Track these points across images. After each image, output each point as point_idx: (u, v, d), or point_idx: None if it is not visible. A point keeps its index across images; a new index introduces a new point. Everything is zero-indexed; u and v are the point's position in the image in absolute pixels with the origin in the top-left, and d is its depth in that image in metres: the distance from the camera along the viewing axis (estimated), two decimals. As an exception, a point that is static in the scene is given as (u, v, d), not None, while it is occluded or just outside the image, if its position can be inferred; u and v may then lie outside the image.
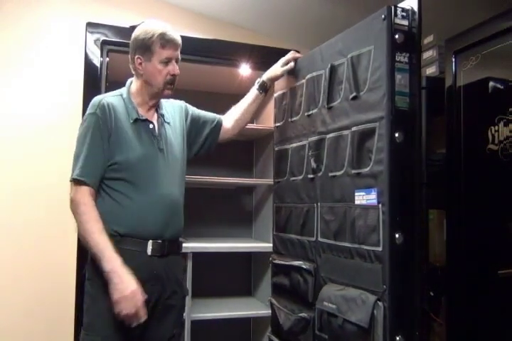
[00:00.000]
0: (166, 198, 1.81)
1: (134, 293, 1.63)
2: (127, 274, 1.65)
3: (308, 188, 1.96)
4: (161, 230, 1.79)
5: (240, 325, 2.74)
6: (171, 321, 1.84)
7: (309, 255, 1.92)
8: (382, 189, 1.49)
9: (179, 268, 1.92)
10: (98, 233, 1.67)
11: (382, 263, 1.48)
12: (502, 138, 1.92)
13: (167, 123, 1.92)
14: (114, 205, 1.76)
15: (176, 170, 1.90)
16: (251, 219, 2.87)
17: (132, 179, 1.77)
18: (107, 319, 1.67)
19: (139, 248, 1.75)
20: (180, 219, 1.89)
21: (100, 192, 1.78)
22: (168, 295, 1.81)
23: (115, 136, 1.78)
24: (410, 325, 1.50)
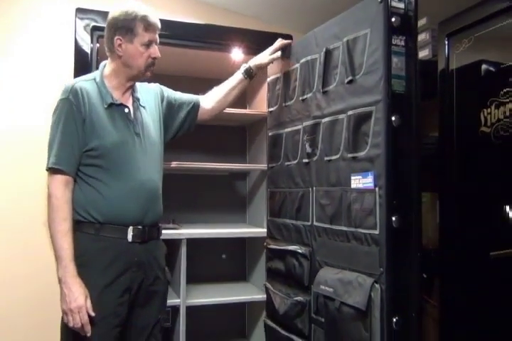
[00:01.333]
0: (145, 184, 1.79)
1: (79, 308, 1.61)
2: (79, 287, 1.63)
3: (303, 173, 1.96)
4: (141, 216, 1.78)
5: (235, 310, 2.76)
6: (156, 307, 1.84)
7: (304, 239, 1.93)
8: (379, 172, 1.50)
9: (161, 254, 1.90)
10: (62, 234, 1.65)
11: (379, 246, 1.49)
12: (494, 120, 1.93)
13: (142, 107, 1.89)
14: (92, 193, 1.73)
15: (154, 155, 1.87)
16: (245, 204, 2.88)
17: (109, 166, 1.74)
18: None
19: (120, 235, 1.74)
20: (159, 204, 1.87)
21: (77, 179, 1.74)
22: (151, 281, 1.81)
23: (89, 121, 1.74)
24: (407, 307, 1.52)
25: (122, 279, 1.72)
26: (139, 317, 1.80)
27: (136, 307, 1.78)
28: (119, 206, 1.74)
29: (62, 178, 1.70)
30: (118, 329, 1.71)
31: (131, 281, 1.74)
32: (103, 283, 1.69)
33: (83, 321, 1.62)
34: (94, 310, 1.65)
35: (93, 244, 1.72)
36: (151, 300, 1.82)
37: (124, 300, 1.72)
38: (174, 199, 1.90)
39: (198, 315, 2.42)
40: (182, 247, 2.25)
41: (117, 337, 1.71)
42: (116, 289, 1.70)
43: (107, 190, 1.74)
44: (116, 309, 1.70)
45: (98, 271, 1.69)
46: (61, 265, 1.64)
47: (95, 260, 1.70)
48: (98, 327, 1.66)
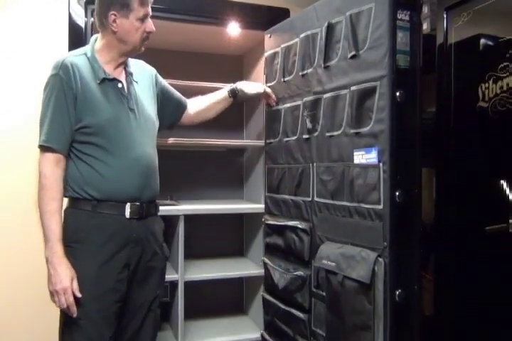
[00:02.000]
0: (142, 160, 1.78)
1: (64, 289, 1.61)
2: (64, 268, 1.63)
3: (303, 149, 1.96)
4: (139, 192, 1.77)
5: (233, 285, 2.78)
6: (154, 282, 1.85)
7: (304, 215, 1.95)
8: (383, 148, 1.51)
9: (159, 230, 1.90)
10: (50, 214, 1.64)
11: (383, 221, 1.51)
12: (492, 95, 1.93)
13: (135, 82, 1.86)
14: (88, 170, 1.71)
15: (149, 131, 1.86)
16: (242, 180, 2.87)
17: (104, 143, 1.71)
18: (84, 284, 1.66)
19: (117, 211, 1.73)
20: (156, 180, 1.86)
21: (72, 156, 1.72)
22: (149, 257, 1.81)
23: (81, 97, 1.70)
24: (409, 280, 1.55)
25: (121, 255, 1.72)
26: (137, 292, 1.80)
27: (135, 283, 1.79)
28: (115, 183, 1.72)
29: (52, 156, 1.67)
30: (118, 305, 1.72)
31: (129, 257, 1.74)
32: (101, 260, 1.69)
33: (68, 302, 1.62)
34: (93, 286, 1.66)
35: (90, 221, 1.71)
36: (149, 276, 1.83)
37: (123, 276, 1.73)
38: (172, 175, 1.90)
39: (196, 290, 2.44)
40: (180, 223, 2.25)
41: (117, 312, 1.72)
42: (115, 265, 1.71)
43: (103, 167, 1.71)
44: (116, 285, 1.70)
45: (96, 247, 1.69)
46: (48, 245, 1.64)
47: (93, 237, 1.70)
48: (98, 302, 1.67)
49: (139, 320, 1.82)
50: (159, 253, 1.86)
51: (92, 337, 1.66)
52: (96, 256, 1.69)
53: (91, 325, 1.66)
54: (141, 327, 1.83)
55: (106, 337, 1.68)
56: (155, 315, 1.87)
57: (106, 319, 1.68)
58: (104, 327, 1.68)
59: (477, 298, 2.00)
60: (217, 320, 2.65)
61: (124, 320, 1.79)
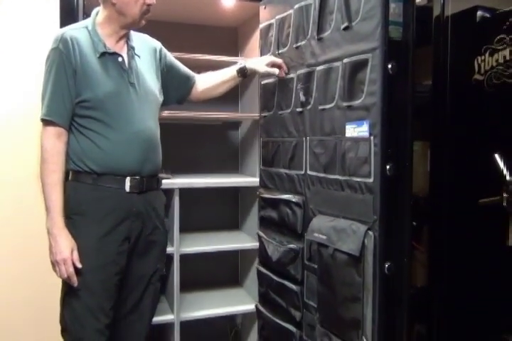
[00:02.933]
0: (142, 134, 1.78)
1: (64, 260, 1.65)
2: (64, 239, 1.67)
3: (296, 122, 1.95)
4: (139, 167, 1.78)
5: (228, 257, 2.80)
6: (154, 256, 1.88)
7: (298, 188, 1.95)
8: (374, 121, 1.49)
9: (160, 204, 1.92)
10: (51, 186, 1.68)
11: (374, 194, 1.50)
12: (488, 68, 1.91)
13: (137, 56, 1.85)
14: (88, 144, 1.73)
15: (150, 105, 1.86)
16: (237, 154, 2.87)
17: (103, 117, 1.73)
18: (84, 256, 1.70)
19: (117, 185, 1.75)
20: (157, 154, 1.87)
21: (73, 130, 1.74)
22: (150, 231, 1.84)
23: (81, 71, 1.71)
24: (399, 253, 1.55)
25: (121, 229, 1.75)
26: (138, 266, 1.84)
27: (135, 256, 1.82)
28: (115, 157, 1.74)
29: (53, 130, 1.70)
30: (118, 277, 1.75)
31: (129, 231, 1.77)
32: (101, 232, 1.72)
33: (68, 273, 1.66)
34: (93, 257, 1.70)
35: (91, 194, 1.73)
36: (149, 250, 1.86)
37: (123, 249, 1.76)
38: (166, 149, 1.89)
39: (192, 263, 2.46)
40: (175, 197, 2.26)
41: (117, 284, 1.76)
42: (114, 238, 1.74)
43: (103, 141, 1.73)
44: (116, 257, 1.73)
45: (96, 220, 1.72)
46: (49, 216, 1.68)
47: (93, 209, 1.73)
48: (98, 274, 1.71)
49: (138, 293, 1.86)
50: (160, 228, 1.89)
51: (91, 307, 1.69)
52: (96, 228, 1.72)
53: (90, 295, 1.69)
54: (141, 299, 1.87)
55: (105, 308, 1.72)
56: (155, 288, 1.91)
57: (106, 290, 1.72)
58: (103, 299, 1.72)
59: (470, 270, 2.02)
60: (213, 292, 2.68)
61: (124, 292, 1.83)
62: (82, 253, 1.69)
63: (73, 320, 1.70)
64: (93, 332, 1.69)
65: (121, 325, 1.85)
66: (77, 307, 1.70)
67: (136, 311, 1.87)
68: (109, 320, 1.74)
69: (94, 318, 1.69)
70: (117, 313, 1.82)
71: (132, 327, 1.87)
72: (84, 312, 1.69)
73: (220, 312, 2.42)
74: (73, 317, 1.70)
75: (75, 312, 1.70)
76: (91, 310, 1.69)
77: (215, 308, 2.43)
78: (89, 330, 1.69)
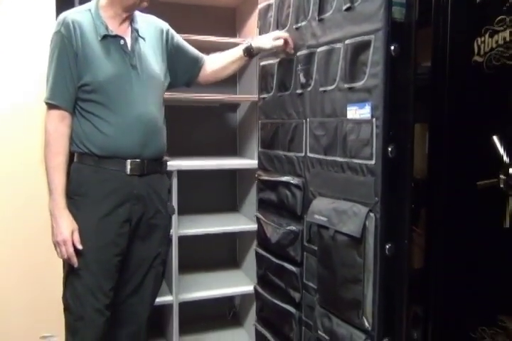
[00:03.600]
0: (142, 117, 1.78)
1: (64, 241, 1.69)
2: (65, 220, 1.70)
3: (296, 104, 1.94)
4: (139, 150, 1.78)
5: (227, 239, 2.82)
6: (156, 240, 1.88)
7: (297, 170, 1.95)
8: (376, 103, 1.49)
9: (163, 188, 1.92)
10: (54, 169, 1.71)
11: (375, 176, 1.51)
12: (487, 49, 1.90)
13: (142, 38, 1.83)
14: (89, 127, 1.75)
15: (153, 88, 1.85)
16: (235, 136, 2.86)
17: (104, 101, 1.73)
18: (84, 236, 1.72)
19: (118, 167, 1.76)
20: (159, 138, 1.87)
21: (76, 113, 1.76)
22: (152, 214, 1.85)
23: (82, 55, 1.71)
24: (399, 234, 1.57)
25: (121, 211, 1.76)
26: (139, 249, 1.85)
27: (137, 239, 1.84)
28: (115, 140, 1.75)
29: (56, 113, 1.73)
30: (118, 258, 1.77)
31: (130, 213, 1.78)
32: (101, 213, 1.73)
33: (68, 253, 1.69)
34: (93, 238, 1.72)
35: (93, 175, 1.75)
36: (151, 233, 1.87)
37: (123, 231, 1.77)
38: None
39: (191, 244, 2.47)
40: (173, 179, 2.26)
41: (118, 265, 1.78)
42: (114, 220, 1.75)
43: (103, 125, 1.74)
44: (116, 239, 1.75)
45: (96, 201, 1.74)
46: (51, 198, 1.71)
47: (94, 191, 1.75)
48: (98, 254, 1.73)
49: (140, 276, 1.88)
50: (162, 212, 1.90)
51: (91, 287, 1.72)
52: (96, 209, 1.74)
53: (90, 275, 1.72)
54: (142, 282, 1.89)
55: (105, 289, 1.74)
56: (157, 272, 1.92)
57: (105, 271, 1.74)
58: (103, 279, 1.74)
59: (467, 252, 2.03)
60: (211, 274, 2.70)
61: (126, 275, 1.85)
62: (82, 233, 1.72)
63: (74, 298, 1.73)
64: (92, 311, 1.72)
65: (123, 307, 1.87)
66: (78, 287, 1.73)
67: (137, 294, 1.89)
68: (109, 301, 1.76)
69: (93, 298, 1.72)
70: (119, 295, 1.84)
71: (133, 309, 1.89)
72: (84, 292, 1.72)
73: (219, 293, 2.44)
74: (74, 296, 1.73)
75: (75, 292, 1.73)
76: (91, 289, 1.72)
77: (213, 289, 2.45)
78: (89, 309, 1.72)
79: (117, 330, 1.89)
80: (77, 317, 1.73)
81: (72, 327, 1.75)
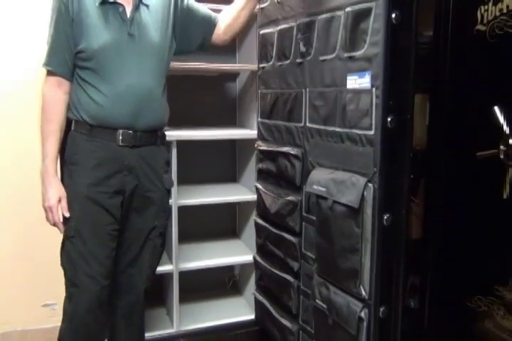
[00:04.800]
0: (134, 87, 1.75)
1: (50, 208, 1.72)
2: (53, 188, 1.72)
3: (296, 73, 1.92)
4: (131, 121, 1.76)
5: (226, 210, 2.83)
6: (152, 213, 1.88)
7: (297, 140, 1.94)
8: (376, 72, 1.47)
9: (158, 161, 1.89)
10: (47, 134, 1.73)
11: (374, 147, 1.50)
12: (491, 17, 1.87)
13: (145, 6, 1.78)
14: (83, 96, 1.74)
15: (152, 58, 1.81)
16: (235, 106, 2.83)
17: (98, 69, 1.72)
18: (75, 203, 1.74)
19: (109, 137, 1.76)
20: (154, 109, 1.84)
21: (74, 81, 1.76)
22: (147, 187, 1.84)
23: (78, 21, 1.68)
24: (397, 205, 1.57)
25: (112, 181, 1.76)
26: (135, 221, 1.86)
27: (132, 211, 1.85)
28: (106, 110, 1.73)
29: (53, 79, 1.74)
30: (111, 227, 1.78)
31: (122, 184, 1.78)
32: (91, 182, 1.74)
33: (54, 220, 1.73)
34: (83, 205, 1.73)
35: (85, 144, 1.76)
36: (146, 206, 1.87)
37: (115, 201, 1.78)
38: (162, 101, 1.88)
39: (190, 215, 2.48)
40: (172, 149, 2.25)
41: (112, 234, 1.78)
42: (105, 189, 1.75)
43: (96, 94, 1.73)
44: (107, 208, 1.75)
45: (87, 169, 1.75)
46: (43, 163, 1.73)
47: (85, 159, 1.75)
48: (89, 222, 1.75)
49: (137, 247, 1.89)
50: (158, 185, 1.88)
51: (83, 253, 1.74)
52: (87, 177, 1.74)
53: (82, 242, 1.74)
54: (139, 254, 1.90)
55: (99, 256, 1.75)
56: (154, 244, 1.93)
57: (98, 238, 1.75)
58: (96, 246, 1.75)
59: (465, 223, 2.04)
60: (211, 244, 2.72)
61: (124, 246, 1.87)
62: (73, 201, 1.74)
63: (69, 265, 1.76)
64: (86, 277, 1.73)
65: (121, 277, 1.90)
66: (72, 253, 1.75)
67: (135, 265, 1.91)
68: (105, 269, 1.77)
69: (86, 264, 1.73)
70: (117, 265, 1.87)
71: (131, 280, 1.91)
72: (77, 258, 1.74)
73: (218, 262, 2.46)
74: (69, 262, 1.76)
75: (70, 258, 1.76)
76: (83, 256, 1.73)
77: (213, 259, 2.47)
78: (82, 276, 1.73)
79: (116, 300, 1.92)
80: (72, 283, 1.76)
81: (68, 292, 1.78)
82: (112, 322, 1.96)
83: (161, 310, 2.54)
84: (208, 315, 2.49)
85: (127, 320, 1.95)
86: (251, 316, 2.45)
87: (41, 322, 2.53)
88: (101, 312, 1.80)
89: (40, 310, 2.55)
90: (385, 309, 1.57)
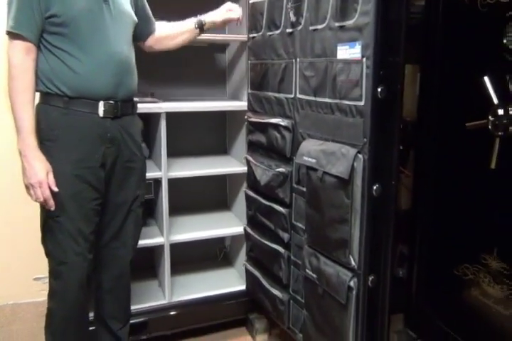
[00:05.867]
0: (116, 56, 1.71)
1: (40, 183, 1.61)
2: (39, 161, 1.62)
3: (286, 43, 1.90)
4: (113, 91, 1.72)
5: (217, 182, 2.83)
6: (133, 183, 1.88)
7: (287, 112, 1.93)
8: (366, 42, 1.45)
9: (136, 130, 1.88)
10: (22, 105, 1.60)
11: (364, 117, 1.50)
12: (482, -14, 1.85)
13: None
14: (58, 65, 1.64)
15: (125, 26, 1.78)
16: (225, 78, 2.80)
17: (75, 35, 1.63)
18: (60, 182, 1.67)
19: (90, 109, 1.69)
20: (132, 78, 1.81)
21: (42, 48, 1.64)
22: (127, 158, 1.82)
23: None
24: (387, 175, 1.57)
25: (96, 155, 1.72)
26: (117, 192, 1.84)
27: (114, 183, 1.82)
28: (87, 80, 1.66)
29: (22, 45, 1.59)
30: (96, 202, 1.76)
31: (105, 157, 1.74)
32: (76, 158, 1.69)
33: (45, 196, 1.63)
34: (69, 183, 1.68)
35: (63, 118, 1.67)
36: (128, 177, 1.85)
37: (99, 175, 1.75)
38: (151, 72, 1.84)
39: (180, 187, 2.48)
40: (161, 121, 2.23)
41: (96, 209, 1.77)
42: (90, 164, 1.71)
43: (75, 63, 1.64)
44: (92, 183, 1.73)
45: (69, 145, 1.68)
46: (20, 137, 1.61)
47: (66, 135, 1.68)
48: (75, 199, 1.71)
49: (119, 219, 1.88)
50: (138, 154, 1.87)
51: (71, 232, 1.71)
52: (70, 154, 1.68)
53: (69, 221, 1.70)
54: (123, 226, 1.90)
55: (85, 233, 1.74)
56: (136, 215, 1.93)
57: (84, 215, 1.73)
58: (82, 224, 1.73)
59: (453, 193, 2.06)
60: (202, 216, 2.72)
61: (106, 219, 1.85)
62: (57, 179, 1.65)
63: (55, 244, 1.72)
64: (74, 255, 1.72)
65: (105, 251, 1.90)
66: (57, 233, 1.71)
67: (119, 237, 1.90)
68: (90, 244, 1.76)
69: (74, 242, 1.71)
70: (100, 239, 1.86)
71: (115, 252, 1.91)
72: (64, 237, 1.70)
73: (209, 234, 2.47)
74: (55, 242, 1.72)
75: (55, 238, 1.71)
76: (71, 234, 1.70)
77: (204, 231, 2.47)
78: (71, 254, 1.72)
79: (100, 274, 1.93)
80: (60, 262, 1.72)
81: (55, 271, 1.75)
82: (97, 296, 1.97)
83: (152, 282, 2.56)
84: (200, 287, 2.51)
85: (114, 293, 1.96)
86: (242, 287, 2.48)
87: (33, 296, 2.56)
88: (88, 287, 1.81)
89: (31, 284, 2.57)
90: (373, 278, 1.59)
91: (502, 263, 1.79)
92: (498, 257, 1.81)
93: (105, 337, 1.99)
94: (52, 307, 1.79)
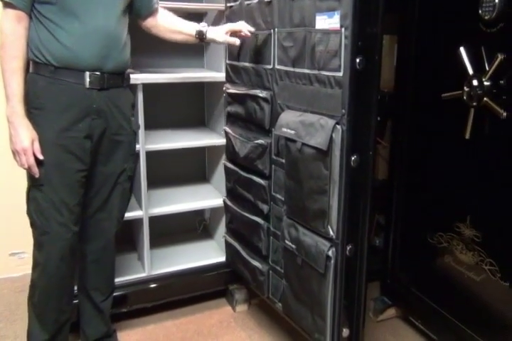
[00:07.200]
0: (103, 29, 1.69)
1: (24, 150, 1.64)
2: (25, 129, 1.64)
3: (264, 13, 1.87)
4: (99, 62, 1.71)
5: (195, 154, 2.81)
6: (120, 156, 1.87)
7: (265, 83, 1.92)
8: (345, 12, 1.44)
9: (125, 103, 1.88)
10: (12, 72, 1.62)
11: (342, 88, 1.50)
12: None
13: None
14: (45, 34, 1.65)
15: (118, 1, 1.75)
16: (202, 48, 2.76)
17: (63, 7, 1.62)
18: (44, 150, 1.68)
19: (76, 80, 1.69)
20: (122, 51, 1.79)
21: (33, 18, 1.65)
22: (115, 130, 1.82)
23: None
24: (365, 146, 1.58)
25: (81, 126, 1.72)
26: (104, 165, 1.84)
27: (101, 155, 1.82)
28: (73, 50, 1.66)
29: (13, 13, 1.61)
30: (81, 174, 1.75)
31: (91, 129, 1.74)
32: (60, 127, 1.69)
33: (29, 163, 1.65)
34: (53, 152, 1.69)
35: (49, 87, 1.68)
36: (115, 150, 1.85)
37: (84, 146, 1.74)
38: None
39: (159, 160, 2.46)
40: (138, 92, 2.19)
41: (81, 181, 1.76)
42: (74, 135, 1.71)
43: (61, 33, 1.64)
44: (77, 154, 1.72)
45: (54, 114, 1.69)
46: (9, 104, 1.64)
47: (51, 103, 1.69)
48: (59, 169, 1.71)
49: (106, 192, 1.88)
50: (126, 128, 1.86)
51: (54, 201, 1.71)
52: (55, 123, 1.69)
53: (53, 190, 1.71)
54: (108, 198, 1.90)
55: (69, 204, 1.74)
56: (123, 188, 1.93)
57: (68, 186, 1.73)
58: (66, 195, 1.73)
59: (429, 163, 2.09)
60: (181, 188, 2.72)
61: (92, 191, 1.85)
62: (42, 147, 1.67)
63: (38, 214, 1.73)
64: (57, 225, 1.72)
65: (90, 223, 1.90)
66: (41, 202, 1.71)
67: (104, 210, 1.90)
68: (74, 216, 1.76)
69: (57, 212, 1.72)
70: (86, 211, 1.86)
71: (100, 224, 1.92)
72: (47, 207, 1.71)
73: (189, 207, 2.47)
74: (38, 211, 1.73)
75: (39, 207, 1.72)
76: (54, 204, 1.71)
77: (183, 203, 2.47)
78: (54, 224, 1.72)
79: (85, 245, 1.93)
80: (42, 232, 1.73)
81: (38, 241, 1.76)
82: (81, 267, 1.97)
83: (132, 255, 2.56)
84: (179, 259, 2.52)
85: (98, 265, 1.97)
86: (222, 258, 2.50)
87: (9, 271, 2.55)
88: (72, 258, 1.81)
89: (7, 259, 2.56)
90: (351, 248, 1.62)
91: (474, 231, 1.84)
92: (471, 225, 1.86)
93: (88, 309, 2.00)
94: (34, 279, 1.80)
